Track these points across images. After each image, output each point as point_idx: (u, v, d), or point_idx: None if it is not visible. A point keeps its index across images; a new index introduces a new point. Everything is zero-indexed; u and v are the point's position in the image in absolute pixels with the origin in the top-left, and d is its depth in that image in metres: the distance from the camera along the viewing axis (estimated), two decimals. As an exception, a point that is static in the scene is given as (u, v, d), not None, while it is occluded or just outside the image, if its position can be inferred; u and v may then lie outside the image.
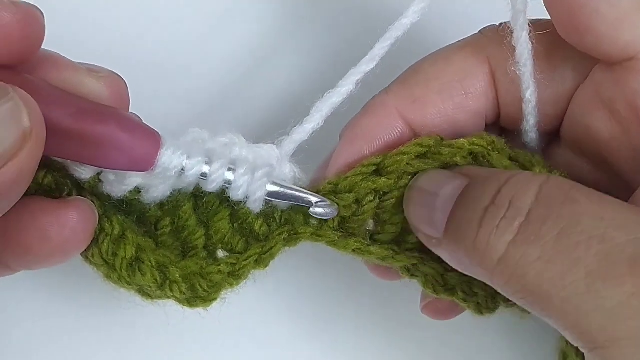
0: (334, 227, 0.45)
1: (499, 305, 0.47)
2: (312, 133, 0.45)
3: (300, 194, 0.44)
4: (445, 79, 0.45)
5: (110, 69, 0.42)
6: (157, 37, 0.57)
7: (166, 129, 0.42)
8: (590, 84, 0.43)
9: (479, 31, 0.46)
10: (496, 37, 0.44)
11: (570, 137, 0.46)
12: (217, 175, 0.42)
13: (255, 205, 0.44)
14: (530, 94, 0.44)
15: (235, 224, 0.45)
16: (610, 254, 0.35)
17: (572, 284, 0.36)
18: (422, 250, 0.45)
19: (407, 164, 0.44)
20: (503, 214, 0.38)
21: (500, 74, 0.45)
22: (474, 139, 0.44)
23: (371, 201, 0.45)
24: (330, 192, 0.45)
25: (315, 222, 0.45)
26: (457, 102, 0.45)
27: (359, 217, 0.45)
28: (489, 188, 0.39)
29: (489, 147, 0.44)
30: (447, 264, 0.44)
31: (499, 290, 0.39)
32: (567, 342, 0.42)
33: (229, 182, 0.43)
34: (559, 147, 0.47)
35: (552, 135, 0.47)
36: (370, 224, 0.46)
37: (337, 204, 0.44)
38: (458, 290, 0.46)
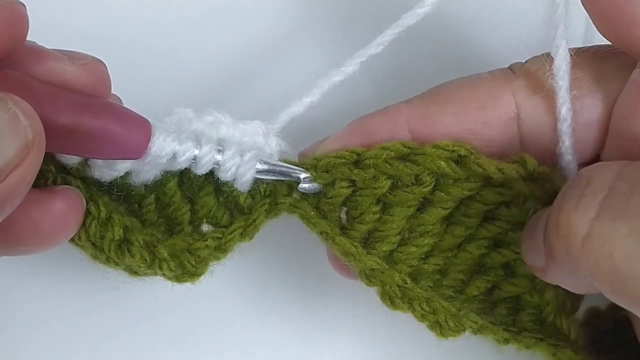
0: (311, 205, 0.45)
1: (463, 329, 0.45)
2: (309, 107, 0.45)
3: (289, 170, 0.44)
4: (464, 103, 0.44)
5: (92, 54, 0.42)
6: (157, 21, 0.56)
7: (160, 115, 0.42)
8: (631, 87, 0.42)
9: (508, 67, 0.46)
10: (523, 72, 0.45)
11: (615, 154, 0.43)
12: (207, 160, 0.43)
13: (244, 186, 0.44)
14: (565, 111, 0.43)
15: (220, 198, 0.45)
16: None
17: None
18: (386, 260, 0.45)
19: (386, 162, 0.44)
20: (581, 192, 0.36)
21: (525, 112, 0.44)
22: (456, 142, 0.44)
23: (343, 188, 0.45)
24: (311, 167, 0.45)
25: (297, 196, 0.45)
26: (471, 128, 0.44)
27: (330, 199, 0.45)
28: (571, 183, 0.38)
29: (473, 151, 0.44)
30: (407, 275, 0.45)
31: (593, 279, 0.36)
32: None
33: (217, 164, 0.43)
34: None
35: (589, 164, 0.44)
36: (343, 217, 0.46)
37: (316, 180, 0.45)
38: (416, 305, 0.45)
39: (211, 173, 0.44)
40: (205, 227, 0.46)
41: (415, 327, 0.47)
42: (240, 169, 0.43)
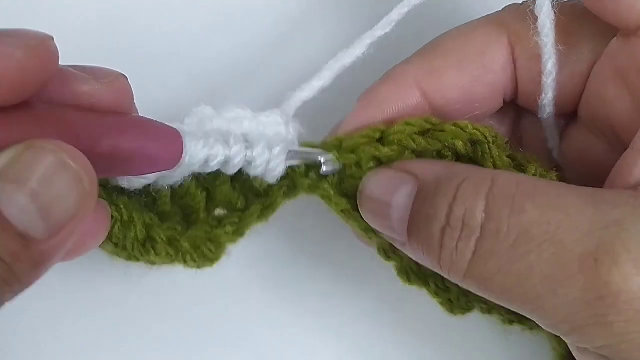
0: (331, 184, 0.45)
1: (472, 307, 0.47)
2: (319, 90, 0.45)
3: (313, 154, 0.44)
4: (464, 52, 0.45)
5: (110, 61, 0.41)
6: (167, 21, 0.55)
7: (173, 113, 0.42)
8: (607, 56, 0.43)
9: (502, 9, 0.46)
10: (518, 14, 0.45)
11: (587, 114, 0.46)
12: (238, 160, 0.42)
13: (274, 179, 0.44)
14: (551, 66, 0.44)
15: (236, 184, 0.45)
16: (561, 256, 0.37)
17: (530, 289, 0.38)
18: None
19: (410, 138, 0.44)
20: (459, 235, 0.39)
21: (519, 49, 0.45)
22: (478, 126, 0.44)
23: (371, 167, 0.45)
24: (334, 147, 0.45)
25: (315, 176, 0.45)
26: (475, 75, 0.45)
27: (358, 179, 0.45)
28: (440, 205, 0.40)
29: (491, 140, 0.44)
30: None
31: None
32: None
33: (248, 161, 0.43)
34: (577, 129, 0.47)
35: (570, 117, 0.47)
36: None
37: (339, 160, 0.45)
38: (431, 282, 0.46)
39: None
40: (219, 210, 0.46)
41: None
42: (271, 164, 0.43)
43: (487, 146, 0.44)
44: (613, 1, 0.41)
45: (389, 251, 0.46)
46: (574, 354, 0.41)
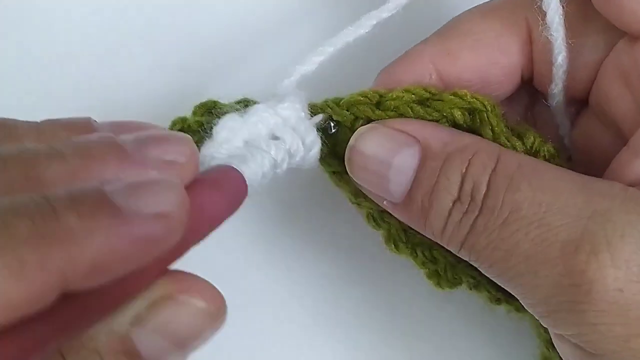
0: (327, 145, 0.45)
1: (460, 281, 0.47)
2: (319, 65, 0.45)
3: (318, 121, 0.45)
4: (480, 34, 0.44)
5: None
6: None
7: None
8: (614, 54, 0.43)
9: None
10: None
11: (595, 107, 0.45)
12: (285, 166, 0.43)
13: (312, 166, 0.45)
14: (562, 59, 0.44)
15: None
16: (546, 238, 0.38)
17: (514, 267, 0.39)
18: None
19: (408, 106, 0.43)
20: (466, 209, 0.40)
21: (537, 32, 0.44)
22: (477, 94, 0.43)
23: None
24: (333, 104, 0.45)
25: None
26: (490, 57, 0.45)
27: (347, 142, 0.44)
28: (454, 177, 0.40)
29: (490, 108, 0.43)
30: None
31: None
32: (546, 347, 0.45)
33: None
34: (587, 117, 0.47)
35: (582, 104, 0.47)
36: None
37: (333, 117, 0.44)
38: (418, 252, 0.46)
39: None
40: None
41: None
42: (310, 154, 0.43)
43: (485, 114, 0.43)
44: (616, 6, 0.41)
45: (378, 219, 0.46)
46: (553, 341, 0.42)
